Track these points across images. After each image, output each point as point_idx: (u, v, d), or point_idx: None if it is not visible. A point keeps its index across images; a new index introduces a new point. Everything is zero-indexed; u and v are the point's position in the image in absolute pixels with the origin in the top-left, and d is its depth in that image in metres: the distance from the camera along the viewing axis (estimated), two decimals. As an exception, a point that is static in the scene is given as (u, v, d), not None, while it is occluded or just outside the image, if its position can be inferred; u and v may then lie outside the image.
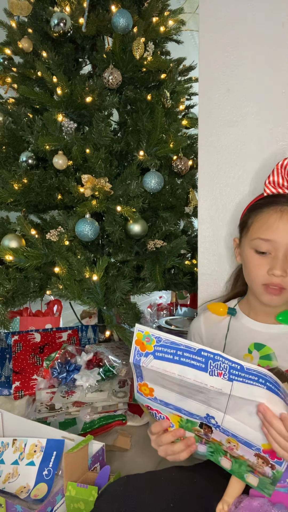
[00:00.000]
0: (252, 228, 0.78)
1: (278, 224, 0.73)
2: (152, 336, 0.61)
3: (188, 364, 0.59)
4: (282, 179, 0.76)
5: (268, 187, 0.77)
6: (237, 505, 0.66)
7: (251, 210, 0.81)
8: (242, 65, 0.98)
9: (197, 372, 0.59)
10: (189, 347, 0.59)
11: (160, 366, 0.61)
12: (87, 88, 1.30)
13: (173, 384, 0.63)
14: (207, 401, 0.62)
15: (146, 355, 0.62)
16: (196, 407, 0.64)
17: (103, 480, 0.90)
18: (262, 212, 0.76)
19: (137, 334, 0.62)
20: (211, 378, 0.58)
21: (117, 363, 1.45)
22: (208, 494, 0.69)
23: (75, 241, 1.34)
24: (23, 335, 1.57)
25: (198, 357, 0.59)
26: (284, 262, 0.73)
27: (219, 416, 0.62)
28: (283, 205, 0.74)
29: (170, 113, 1.50)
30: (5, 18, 1.54)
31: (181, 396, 0.64)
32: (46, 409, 1.28)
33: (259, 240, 0.75)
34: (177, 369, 0.60)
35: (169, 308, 2.36)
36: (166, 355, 0.61)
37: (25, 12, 1.38)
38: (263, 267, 0.75)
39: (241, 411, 0.60)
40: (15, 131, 1.40)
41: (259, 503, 0.64)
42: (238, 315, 0.87)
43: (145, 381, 0.66)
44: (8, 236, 1.29)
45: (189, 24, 1.90)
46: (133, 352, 0.63)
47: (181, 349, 0.60)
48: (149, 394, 0.67)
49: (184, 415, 0.66)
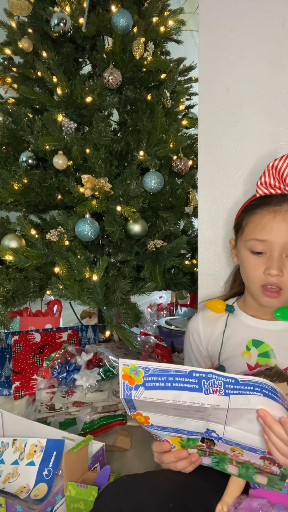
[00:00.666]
0: (246, 229, 0.79)
1: (272, 224, 0.74)
2: (139, 368, 0.59)
3: (182, 388, 0.58)
4: (273, 179, 0.76)
5: (260, 188, 0.78)
6: (236, 505, 0.66)
7: (245, 211, 0.81)
8: (242, 65, 0.98)
9: (192, 393, 0.58)
10: (179, 371, 0.58)
11: (153, 396, 0.59)
12: (87, 88, 1.30)
13: (168, 409, 0.62)
14: (205, 418, 0.61)
15: (136, 388, 0.60)
16: (195, 424, 0.63)
17: (103, 480, 0.90)
18: (255, 213, 0.77)
19: (123, 369, 0.59)
20: (207, 397, 0.57)
21: (117, 363, 1.45)
22: (208, 495, 0.69)
23: (75, 241, 1.34)
24: (23, 335, 1.57)
25: (190, 379, 0.58)
26: (280, 261, 0.74)
27: (220, 429, 0.62)
28: (276, 206, 0.75)
29: (170, 113, 1.50)
30: (5, 18, 1.54)
31: (178, 418, 0.63)
32: (46, 409, 1.28)
33: (254, 241, 0.76)
34: (171, 395, 0.59)
35: (169, 308, 2.36)
36: (157, 383, 0.59)
37: (25, 12, 1.38)
38: (260, 268, 0.76)
39: (241, 420, 0.60)
40: (15, 131, 1.40)
41: (258, 504, 0.64)
42: (236, 312, 0.87)
43: (138, 411, 0.64)
44: (8, 236, 1.29)
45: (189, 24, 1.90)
46: (122, 388, 0.60)
47: (172, 375, 0.58)
48: (145, 422, 0.66)
49: (184, 435, 0.66)
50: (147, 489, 0.66)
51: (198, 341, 0.90)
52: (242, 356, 0.82)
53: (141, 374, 0.59)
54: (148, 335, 1.76)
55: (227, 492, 0.68)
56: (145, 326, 2.11)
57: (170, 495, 0.65)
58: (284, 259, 0.74)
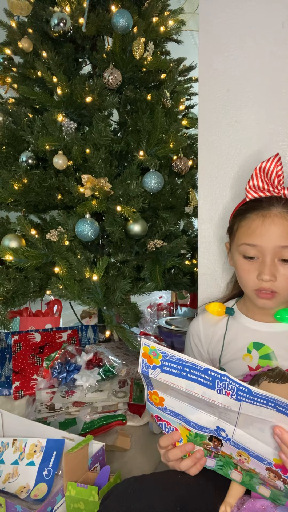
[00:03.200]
0: (237, 234, 0.79)
1: (261, 229, 0.73)
2: (158, 351, 0.61)
3: (196, 381, 0.59)
4: (262, 182, 0.76)
5: (249, 191, 0.77)
6: (239, 506, 0.66)
7: (236, 216, 0.81)
8: (242, 65, 0.98)
9: (205, 388, 0.59)
10: (195, 365, 0.59)
11: (168, 379, 0.61)
12: (87, 88, 1.30)
13: (182, 396, 0.63)
14: (217, 414, 0.62)
15: (153, 367, 0.62)
16: (207, 419, 0.63)
17: (103, 480, 0.90)
18: (245, 218, 0.77)
19: (144, 348, 0.61)
20: (219, 396, 0.58)
21: (117, 363, 1.45)
22: (212, 496, 0.69)
23: (75, 241, 1.34)
24: (23, 335, 1.57)
25: (205, 375, 0.58)
26: (272, 266, 0.73)
27: (230, 429, 0.62)
28: (265, 210, 0.74)
29: (170, 113, 1.50)
30: (5, 18, 1.54)
31: (191, 407, 0.64)
32: (46, 409, 1.28)
33: (245, 246, 0.76)
34: (185, 383, 0.60)
35: (169, 308, 2.36)
36: (173, 370, 0.60)
37: (25, 12, 1.38)
38: (253, 273, 0.76)
39: (252, 426, 0.60)
40: (15, 131, 1.40)
41: (262, 505, 0.64)
42: (236, 314, 0.87)
43: (155, 390, 0.66)
44: (8, 236, 1.29)
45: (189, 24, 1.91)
46: (141, 364, 0.62)
47: (188, 366, 0.59)
48: (159, 404, 0.67)
49: (194, 428, 0.66)
50: (155, 492, 0.66)
51: (199, 344, 0.90)
52: (243, 359, 0.82)
53: (160, 357, 0.61)
54: (148, 335, 1.76)
55: (230, 493, 0.68)
56: (145, 326, 2.11)
57: (177, 498, 0.65)
58: (277, 263, 0.74)
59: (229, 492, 0.68)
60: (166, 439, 0.70)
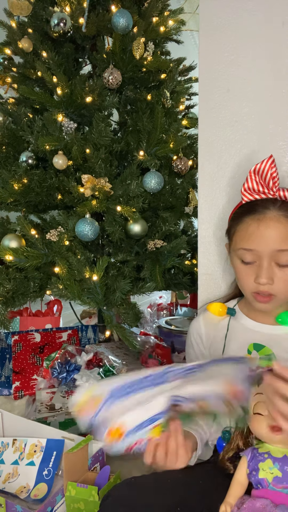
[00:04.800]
0: (235, 238, 0.79)
1: (257, 233, 0.74)
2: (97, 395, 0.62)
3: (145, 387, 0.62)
4: (257, 184, 0.76)
5: (244, 194, 0.77)
6: (239, 506, 0.66)
7: (233, 219, 0.81)
8: (242, 65, 0.98)
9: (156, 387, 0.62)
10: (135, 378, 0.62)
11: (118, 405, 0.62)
12: (87, 88, 1.30)
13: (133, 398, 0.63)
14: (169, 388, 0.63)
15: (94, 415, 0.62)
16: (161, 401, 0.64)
17: (103, 480, 0.90)
18: (242, 222, 0.77)
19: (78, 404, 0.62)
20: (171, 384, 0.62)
21: (117, 363, 1.45)
22: (212, 496, 0.69)
23: (75, 241, 1.34)
24: (23, 335, 1.57)
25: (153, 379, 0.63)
26: (269, 270, 0.73)
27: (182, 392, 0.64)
28: (260, 214, 0.74)
29: (170, 113, 1.50)
30: (5, 18, 1.54)
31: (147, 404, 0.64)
32: (46, 409, 1.28)
33: (243, 251, 0.76)
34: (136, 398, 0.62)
35: (169, 308, 2.36)
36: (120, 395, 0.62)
37: (25, 12, 1.38)
38: (251, 276, 0.76)
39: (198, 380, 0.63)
40: (15, 131, 1.40)
41: (261, 504, 0.64)
42: (238, 315, 0.87)
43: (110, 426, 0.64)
44: (8, 236, 1.29)
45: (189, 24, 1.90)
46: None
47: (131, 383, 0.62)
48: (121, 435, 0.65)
49: (160, 419, 0.66)
50: (155, 492, 0.66)
51: (200, 343, 0.90)
52: None
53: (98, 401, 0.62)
54: (148, 335, 1.76)
55: (230, 493, 0.68)
56: (145, 326, 2.11)
57: (177, 498, 0.65)
58: (274, 266, 0.74)
59: (229, 492, 0.68)
60: (147, 455, 0.69)
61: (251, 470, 0.66)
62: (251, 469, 0.66)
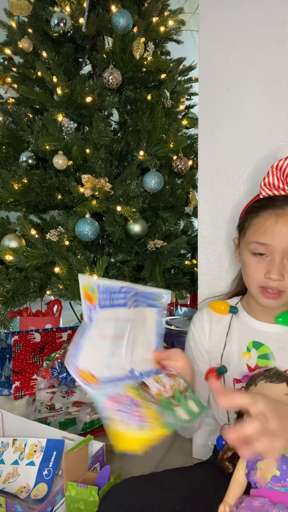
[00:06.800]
0: (248, 232, 0.78)
1: (274, 228, 0.73)
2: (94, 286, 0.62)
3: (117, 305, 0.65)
4: (278, 180, 0.75)
5: (264, 189, 0.77)
6: (238, 505, 0.66)
7: (248, 213, 0.81)
8: (242, 65, 0.98)
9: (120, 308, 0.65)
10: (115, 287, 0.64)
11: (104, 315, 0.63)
12: (87, 88, 1.30)
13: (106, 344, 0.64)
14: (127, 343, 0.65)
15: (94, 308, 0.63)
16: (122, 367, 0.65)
17: (103, 480, 0.90)
18: (258, 216, 0.77)
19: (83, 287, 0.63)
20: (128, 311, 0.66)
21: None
22: (211, 496, 0.69)
23: (75, 241, 1.34)
24: (23, 335, 1.57)
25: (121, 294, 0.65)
26: (281, 266, 0.73)
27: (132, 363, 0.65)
28: (278, 209, 0.74)
29: (170, 113, 1.49)
30: (5, 18, 1.54)
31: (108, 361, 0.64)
32: (46, 409, 1.28)
33: (256, 244, 0.76)
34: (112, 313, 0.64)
35: (169, 308, 2.36)
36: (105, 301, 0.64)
37: (25, 12, 1.38)
38: (261, 270, 0.76)
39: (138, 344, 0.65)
40: (15, 131, 1.40)
41: (260, 503, 0.64)
42: (240, 313, 0.87)
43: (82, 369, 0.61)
44: (8, 236, 1.29)
45: (189, 24, 1.91)
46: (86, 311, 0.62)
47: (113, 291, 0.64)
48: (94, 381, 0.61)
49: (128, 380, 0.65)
50: (153, 492, 0.66)
51: (202, 335, 0.90)
52: (242, 357, 0.82)
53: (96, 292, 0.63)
54: (148, 335, 1.76)
55: (229, 492, 0.68)
56: (145, 326, 2.11)
57: (176, 498, 0.66)
58: (285, 262, 0.74)
59: (228, 492, 0.68)
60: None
61: (249, 470, 0.67)
62: (250, 468, 0.67)
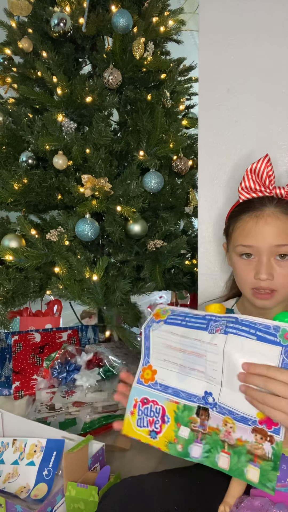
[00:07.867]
0: (233, 236, 0.80)
1: (255, 229, 0.74)
2: (168, 309, 0.72)
3: (192, 327, 0.67)
4: (253, 183, 0.77)
5: (242, 193, 0.78)
6: (238, 505, 0.66)
7: (231, 217, 0.82)
8: (242, 65, 0.98)
9: (198, 331, 0.66)
10: (197, 314, 0.68)
11: (168, 329, 0.69)
12: (87, 88, 1.30)
13: (175, 357, 0.68)
14: (205, 372, 0.64)
15: (158, 321, 0.71)
16: (195, 384, 0.66)
17: (103, 480, 0.90)
18: (240, 219, 0.78)
19: (157, 310, 0.73)
20: (209, 335, 0.64)
21: (117, 363, 1.45)
22: (211, 496, 0.69)
23: (75, 241, 1.34)
24: (23, 335, 1.57)
25: (202, 320, 0.66)
26: (269, 265, 0.74)
27: (216, 390, 0.64)
28: (257, 210, 0.75)
29: (170, 113, 1.50)
30: (5, 18, 1.54)
31: (181, 374, 0.67)
32: (46, 409, 1.28)
33: (241, 247, 0.77)
34: (182, 331, 0.67)
35: (169, 308, 2.35)
36: (175, 321, 0.69)
37: (25, 12, 1.38)
38: (250, 272, 0.77)
39: (235, 379, 0.61)
40: (15, 131, 1.40)
41: (260, 503, 0.64)
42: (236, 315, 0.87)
43: (150, 362, 0.71)
44: (8, 236, 1.29)
45: (189, 24, 1.90)
46: (147, 321, 0.71)
47: (190, 316, 0.68)
48: (150, 379, 0.70)
49: (182, 399, 0.67)
50: (152, 492, 0.66)
51: None
52: None
53: (168, 313, 0.71)
54: (148, 335, 1.76)
55: (229, 492, 0.68)
56: (145, 326, 2.11)
57: (175, 498, 0.66)
58: (273, 261, 0.75)
59: (228, 492, 0.68)
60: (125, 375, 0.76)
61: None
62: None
